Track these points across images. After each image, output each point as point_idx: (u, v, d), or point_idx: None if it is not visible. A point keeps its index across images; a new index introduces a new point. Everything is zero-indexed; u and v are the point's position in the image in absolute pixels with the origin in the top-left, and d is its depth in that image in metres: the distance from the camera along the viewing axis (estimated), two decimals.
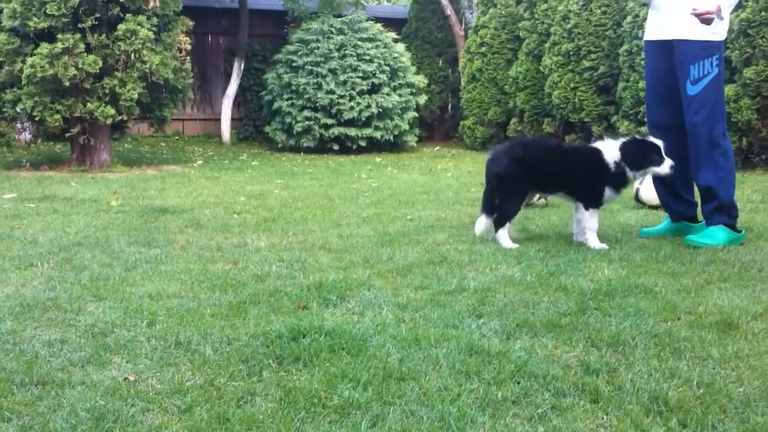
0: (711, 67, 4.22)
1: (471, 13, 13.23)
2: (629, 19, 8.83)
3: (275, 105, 11.21)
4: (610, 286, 3.33)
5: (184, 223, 5.03)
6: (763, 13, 7.46)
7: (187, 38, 9.06)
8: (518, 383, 2.28)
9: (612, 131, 9.21)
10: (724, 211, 4.26)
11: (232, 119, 12.52)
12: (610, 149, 4.28)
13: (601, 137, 4.38)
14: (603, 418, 2.06)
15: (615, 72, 9.26)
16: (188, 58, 9.16)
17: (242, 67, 12.44)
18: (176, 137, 12.61)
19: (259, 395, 2.21)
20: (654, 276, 3.51)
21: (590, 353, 2.53)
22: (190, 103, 12.69)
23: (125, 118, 8.55)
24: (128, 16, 8.19)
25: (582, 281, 3.44)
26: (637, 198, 5.72)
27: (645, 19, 8.50)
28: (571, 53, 9.61)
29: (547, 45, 10.02)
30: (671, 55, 4.35)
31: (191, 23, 9.15)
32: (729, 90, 7.84)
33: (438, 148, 12.07)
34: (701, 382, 2.26)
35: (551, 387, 2.25)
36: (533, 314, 2.96)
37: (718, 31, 4.22)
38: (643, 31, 8.34)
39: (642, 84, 8.54)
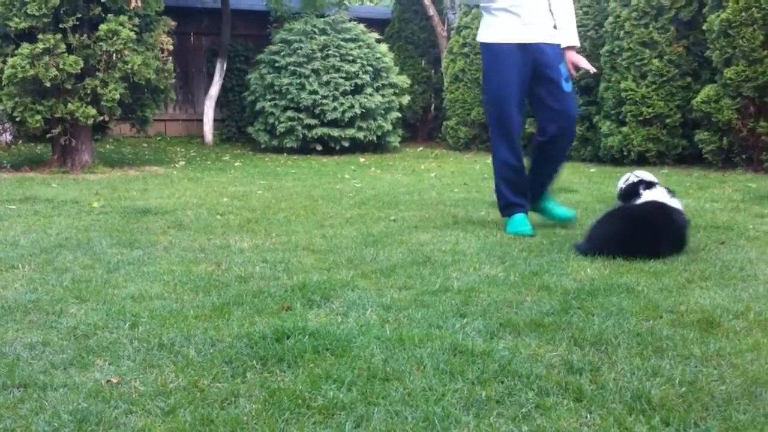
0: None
1: (453, 14, 13.26)
2: (611, 19, 8.88)
3: (258, 105, 11.19)
4: (592, 285, 3.35)
5: (167, 225, 5.01)
6: (743, 14, 7.52)
7: (169, 38, 9.01)
8: (502, 383, 2.29)
9: (593, 131, 9.26)
10: None
11: (215, 120, 12.49)
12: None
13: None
14: (586, 417, 2.07)
15: (596, 72, 9.29)
16: (170, 58, 9.11)
17: (225, 68, 12.40)
18: (158, 138, 12.56)
19: (243, 396, 2.21)
20: (636, 275, 3.53)
21: (573, 352, 2.54)
22: (172, 104, 12.65)
23: (107, 118, 8.49)
24: (110, 16, 8.15)
25: (565, 280, 3.46)
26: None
27: (626, 20, 8.59)
28: None
29: None
30: (528, 58, 4.61)
31: (173, 23, 9.10)
32: (710, 90, 7.91)
33: (421, 148, 12.09)
34: (683, 381, 2.27)
35: (535, 386, 2.26)
36: (517, 314, 2.97)
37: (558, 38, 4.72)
38: (624, 32, 8.41)
39: (624, 84, 8.60)
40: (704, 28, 8.01)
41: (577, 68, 4.79)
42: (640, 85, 8.57)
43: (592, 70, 4.94)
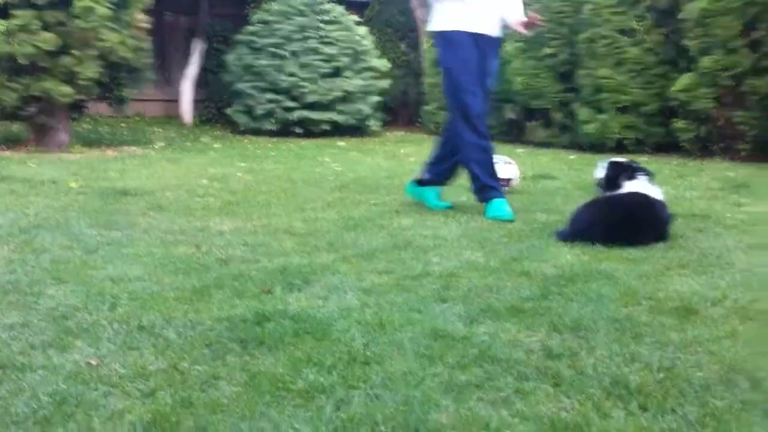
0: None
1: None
2: (589, 6, 8.89)
3: (236, 87, 11.12)
4: (572, 271, 3.37)
5: (146, 206, 4.97)
6: (720, 3, 7.56)
7: (145, 17, 8.92)
8: (482, 367, 2.30)
9: (572, 118, 9.30)
10: None
11: (194, 100, 12.39)
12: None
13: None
14: (565, 402, 2.09)
15: (575, 59, 9.32)
16: (147, 37, 9.03)
17: (203, 48, 12.29)
18: (137, 118, 12.44)
19: (223, 379, 2.20)
20: (615, 262, 3.56)
21: (552, 338, 2.56)
22: (150, 84, 12.50)
23: (83, 97, 8.40)
24: None
25: (544, 267, 3.48)
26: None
27: (604, 6, 8.61)
28: (532, 40, 9.65)
29: (508, 31, 10.04)
30: (479, 46, 4.84)
31: (150, 1, 9.00)
32: (687, 79, 7.97)
33: (402, 132, 12.08)
34: (661, 367, 2.30)
35: (514, 371, 2.27)
36: (497, 299, 2.98)
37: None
38: (602, 19, 8.43)
39: (602, 71, 8.63)
40: (682, 16, 8.05)
41: (527, 26, 5.03)
42: (618, 72, 8.60)
43: (538, 17, 5.14)
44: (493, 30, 4.93)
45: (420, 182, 5.21)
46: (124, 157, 7.94)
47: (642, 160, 7.17)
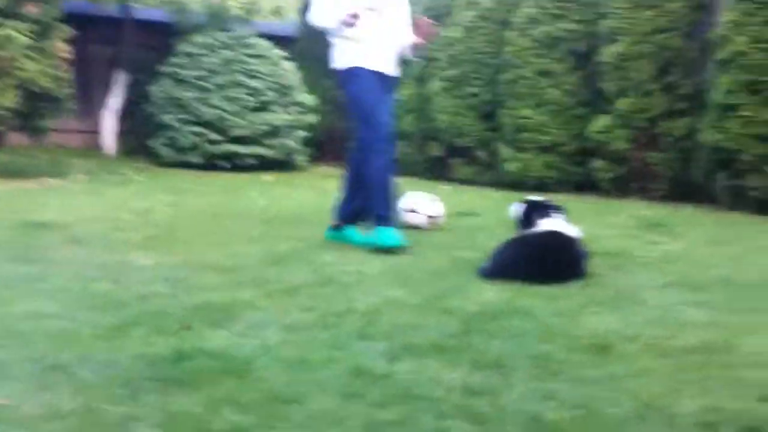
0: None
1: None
2: (509, 48, 9.12)
3: (160, 119, 10.97)
4: (493, 308, 3.42)
5: (64, 239, 4.85)
6: (635, 47, 7.87)
7: (67, 47, 8.77)
8: (403, 405, 2.31)
9: (494, 156, 9.48)
10: None
11: (117, 132, 12.16)
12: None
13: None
14: None
15: (497, 99, 9.53)
16: (69, 67, 8.86)
17: (126, 79, 12.11)
18: (57, 149, 12.12)
19: (141, 420, 2.15)
20: (534, 299, 3.62)
21: (473, 375, 2.59)
22: (71, 114, 12.23)
23: (1, 127, 8.18)
24: (5, 21, 7.86)
25: (467, 304, 3.52)
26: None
27: (525, 48, 8.86)
28: (456, 79, 9.83)
29: (433, 70, 10.22)
30: (381, 84, 5.01)
31: (73, 31, 8.85)
32: (604, 120, 8.24)
33: (329, 167, 12.09)
34: (577, 404, 2.34)
35: (435, 409, 2.28)
36: (419, 336, 3.00)
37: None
38: (523, 61, 8.66)
39: (523, 111, 8.85)
40: (599, 60, 8.34)
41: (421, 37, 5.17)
42: (538, 113, 8.83)
43: (427, 20, 5.24)
44: (389, 68, 5.10)
45: (336, 227, 5.25)
46: (43, 189, 7.73)
47: (561, 198, 7.34)
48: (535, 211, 4.42)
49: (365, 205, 5.07)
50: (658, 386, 2.50)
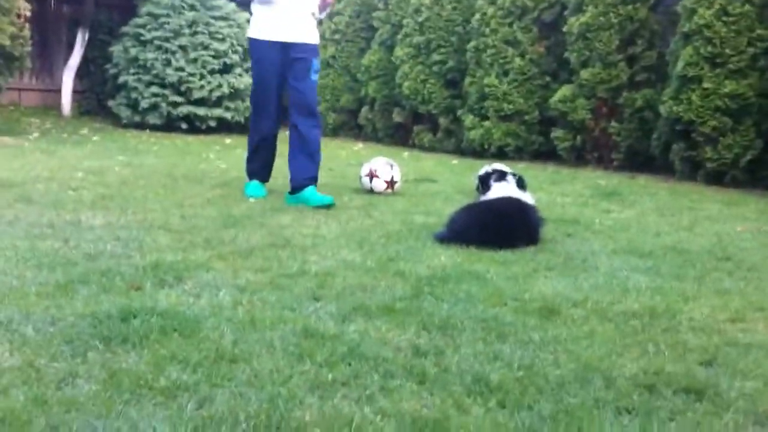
0: (319, 63, 5.55)
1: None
2: (477, 16, 9.08)
3: (121, 79, 10.78)
4: (444, 272, 3.44)
5: (14, 198, 4.76)
6: (601, 18, 7.88)
7: (26, 4, 8.56)
8: (349, 365, 2.32)
9: (458, 123, 9.48)
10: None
11: (74, 91, 11.92)
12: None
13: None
14: (427, 399, 2.13)
15: (462, 67, 9.51)
16: (27, 24, 8.65)
17: (86, 38, 11.86)
18: (12, 107, 11.88)
19: (82, 377, 2.14)
20: (486, 263, 3.65)
21: (421, 336, 2.61)
22: (28, 72, 11.98)
23: None
24: None
25: (419, 267, 3.53)
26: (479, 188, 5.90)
27: (492, 16, 8.84)
28: (422, 46, 9.79)
29: (400, 36, 10.16)
30: (284, 54, 5.34)
31: None
32: (566, 90, 8.26)
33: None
34: (521, 365, 2.37)
35: (381, 369, 2.30)
36: (370, 298, 3.01)
37: (317, 38, 5.56)
38: (490, 30, 8.63)
39: (487, 80, 8.84)
40: (564, 30, 8.34)
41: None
42: (503, 81, 8.83)
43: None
44: (301, 37, 5.37)
45: (293, 190, 5.39)
46: None
47: (520, 167, 7.40)
48: (490, 178, 4.46)
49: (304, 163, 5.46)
50: (601, 349, 2.54)
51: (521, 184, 4.51)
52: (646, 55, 7.93)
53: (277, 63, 5.36)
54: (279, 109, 5.56)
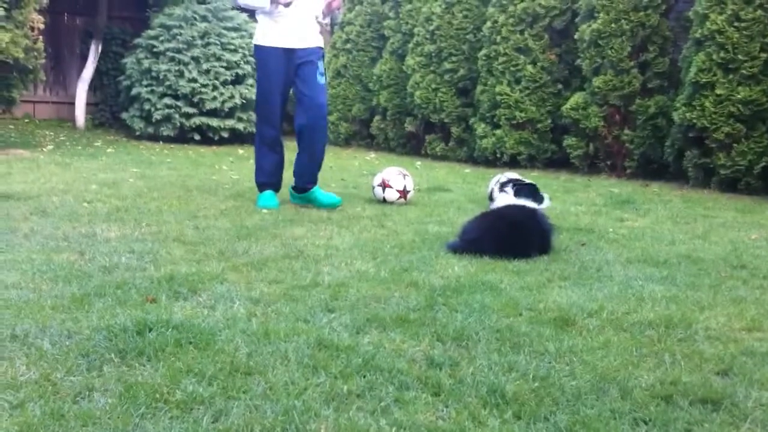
0: (324, 67, 5.59)
1: (338, 10, 13.22)
2: (488, 24, 9.09)
3: (134, 91, 10.85)
4: (458, 282, 3.44)
5: (29, 211, 4.79)
6: (612, 25, 7.87)
7: (40, 17, 8.62)
8: (364, 377, 2.32)
9: (470, 132, 9.48)
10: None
11: (88, 104, 12.01)
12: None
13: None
14: (443, 411, 2.13)
15: (474, 75, 9.52)
16: (41, 37, 8.72)
17: (99, 50, 11.95)
18: (26, 120, 11.98)
19: (98, 390, 2.15)
20: (500, 273, 3.65)
21: (435, 347, 2.60)
22: (42, 85, 12.08)
23: None
24: None
25: (433, 278, 3.53)
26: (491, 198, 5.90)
27: (503, 25, 8.84)
28: (433, 54, 9.80)
29: (411, 45, 10.19)
30: (289, 59, 5.44)
31: (45, 1, 8.71)
32: (578, 98, 8.25)
33: None
34: (537, 376, 2.37)
35: (396, 380, 2.30)
36: (384, 309, 3.01)
37: (321, 41, 5.61)
38: (501, 37, 8.62)
39: (499, 88, 8.84)
40: (576, 37, 8.34)
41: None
42: (514, 89, 8.83)
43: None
44: (305, 43, 5.45)
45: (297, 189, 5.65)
46: (11, 160, 7.63)
47: (533, 175, 7.39)
48: (505, 189, 4.48)
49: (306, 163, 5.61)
50: (617, 359, 2.53)
51: (536, 193, 4.52)
52: (659, 61, 7.92)
53: (282, 69, 5.45)
54: (283, 115, 5.70)
